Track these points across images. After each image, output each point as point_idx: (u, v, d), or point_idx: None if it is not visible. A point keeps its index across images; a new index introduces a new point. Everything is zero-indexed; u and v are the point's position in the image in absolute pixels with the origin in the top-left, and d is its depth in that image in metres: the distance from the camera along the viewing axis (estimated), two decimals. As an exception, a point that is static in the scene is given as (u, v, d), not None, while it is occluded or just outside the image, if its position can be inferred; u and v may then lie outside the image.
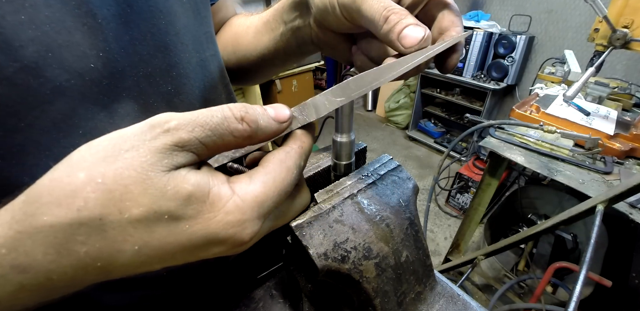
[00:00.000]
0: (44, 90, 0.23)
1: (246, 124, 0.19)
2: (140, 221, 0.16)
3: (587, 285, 1.17)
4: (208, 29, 0.38)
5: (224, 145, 0.19)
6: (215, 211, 0.17)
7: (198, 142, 0.18)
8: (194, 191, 0.17)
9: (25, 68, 0.22)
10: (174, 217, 0.16)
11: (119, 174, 0.16)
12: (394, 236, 0.34)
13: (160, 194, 0.16)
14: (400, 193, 0.36)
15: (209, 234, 0.17)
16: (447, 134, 3.06)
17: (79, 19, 0.24)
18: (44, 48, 0.23)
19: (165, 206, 0.16)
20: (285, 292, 0.46)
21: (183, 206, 0.17)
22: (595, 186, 0.95)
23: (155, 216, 0.16)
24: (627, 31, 0.96)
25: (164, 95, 0.32)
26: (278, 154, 0.21)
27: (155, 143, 0.17)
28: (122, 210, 0.16)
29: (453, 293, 0.41)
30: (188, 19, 0.33)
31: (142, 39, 0.29)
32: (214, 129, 0.18)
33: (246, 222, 0.18)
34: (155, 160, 0.16)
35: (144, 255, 0.17)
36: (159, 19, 0.30)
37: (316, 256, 0.29)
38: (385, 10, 0.24)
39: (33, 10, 0.22)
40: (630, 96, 1.34)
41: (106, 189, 0.15)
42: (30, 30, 0.22)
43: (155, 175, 0.16)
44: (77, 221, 0.15)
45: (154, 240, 0.16)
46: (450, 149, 1.44)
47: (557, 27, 2.23)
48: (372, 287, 0.32)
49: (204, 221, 0.17)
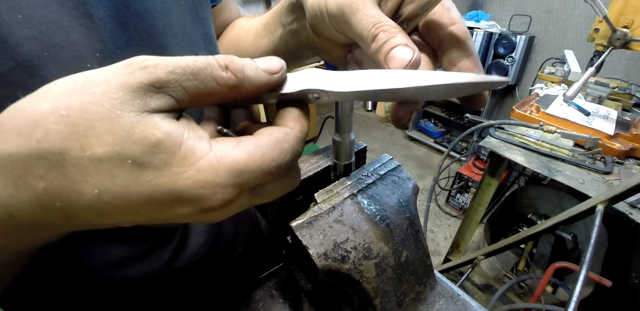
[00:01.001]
0: (38, 88, 0.23)
1: (231, 73, 0.18)
2: (102, 161, 0.15)
3: (587, 285, 1.17)
4: (207, 31, 0.38)
5: (207, 93, 0.18)
6: (184, 165, 0.16)
7: (178, 85, 0.16)
8: (164, 139, 0.16)
9: (20, 66, 0.22)
10: (137, 163, 0.15)
11: (85, 109, 0.15)
12: (394, 236, 0.34)
13: (126, 136, 0.15)
14: (400, 193, 0.36)
15: (173, 189, 0.16)
16: (447, 134, 3.06)
17: (76, 19, 0.24)
18: (40, 47, 0.23)
19: (130, 150, 0.15)
20: (285, 292, 0.46)
21: (149, 153, 0.15)
22: (595, 186, 0.95)
23: (118, 159, 0.15)
24: (627, 31, 0.96)
25: None
26: (277, 132, 0.19)
27: (130, 80, 0.15)
28: (84, 147, 0.15)
29: (453, 293, 0.41)
30: (186, 21, 0.33)
31: (139, 40, 0.29)
32: (196, 73, 0.17)
33: (218, 186, 0.17)
34: (127, 99, 0.15)
35: (105, 202, 0.16)
36: (156, 20, 0.30)
37: (316, 256, 0.29)
38: (374, 27, 0.22)
39: (29, 9, 0.22)
40: (630, 96, 1.34)
41: (69, 123, 0.14)
42: (26, 29, 0.22)
43: (123, 114, 0.15)
44: (36, 153, 0.14)
45: (115, 186, 0.15)
46: (450, 149, 1.44)
47: (557, 27, 2.23)
48: (372, 287, 0.32)
49: (171, 175, 0.16)
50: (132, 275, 0.34)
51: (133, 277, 0.34)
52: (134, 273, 0.34)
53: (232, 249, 0.47)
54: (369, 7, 0.23)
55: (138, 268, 0.35)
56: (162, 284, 0.37)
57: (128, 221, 0.17)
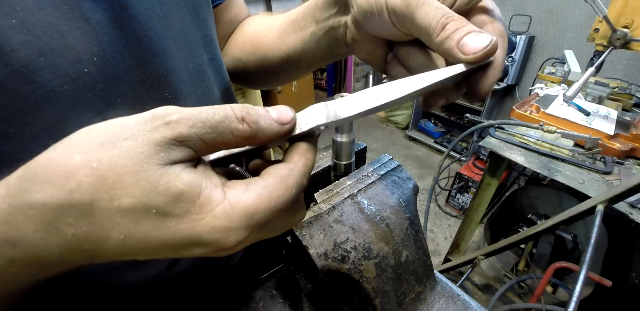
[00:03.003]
0: (35, 95, 0.23)
1: (247, 125, 0.19)
2: (129, 211, 0.16)
3: (587, 285, 1.17)
4: (207, 32, 0.37)
5: (223, 143, 0.19)
6: (202, 213, 0.17)
7: (197, 138, 0.18)
8: (185, 190, 0.17)
9: (16, 73, 0.22)
10: (161, 213, 0.17)
11: (114, 162, 0.16)
12: (394, 236, 0.34)
13: (152, 188, 0.16)
14: (400, 193, 0.36)
15: (192, 235, 0.17)
16: (447, 134, 3.06)
17: (72, 23, 0.24)
18: (36, 52, 0.22)
19: (155, 201, 0.16)
20: (285, 292, 0.46)
21: (172, 203, 0.17)
22: (595, 186, 0.95)
23: (144, 209, 0.16)
24: (627, 31, 0.96)
25: (160, 101, 0.31)
26: (281, 170, 0.20)
27: (155, 135, 0.17)
28: (113, 198, 0.16)
29: (453, 293, 0.41)
30: (185, 23, 0.33)
31: (137, 44, 0.28)
32: (215, 127, 0.18)
33: (232, 230, 0.18)
34: (152, 153, 0.16)
35: (129, 245, 0.17)
36: (154, 22, 0.29)
37: (316, 256, 0.29)
38: (443, 17, 0.22)
39: (24, 13, 0.22)
40: (630, 96, 1.34)
41: (100, 175, 0.16)
42: (21, 34, 0.22)
43: (149, 168, 0.16)
44: (68, 203, 0.15)
45: (139, 232, 0.17)
46: (450, 149, 1.44)
47: (557, 27, 2.23)
48: (372, 287, 0.32)
49: (190, 222, 0.17)
50: (133, 280, 0.34)
51: (133, 282, 0.34)
52: (134, 278, 0.34)
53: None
54: (435, 0, 0.24)
55: (138, 273, 0.35)
56: (162, 288, 0.37)
57: (149, 258, 0.19)
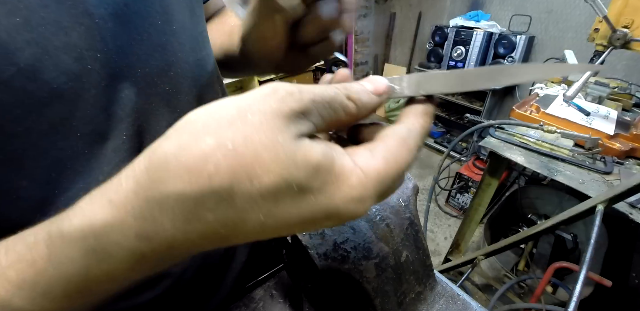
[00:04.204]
0: (41, 93, 0.23)
1: (352, 102, 0.19)
2: (269, 190, 0.15)
3: (587, 285, 1.17)
4: (203, 29, 0.38)
5: (336, 120, 0.18)
6: (339, 183, 0.16)
7: (317, 112, 0.17)
8: (322, 160, 0.16)
9: (21, 71, 0.22)
10: (301, 187, 0.16)
11: (248, 139, 0.15)
12: (394, 236, 0.34)
13: (291, 162, 0.15)
14: (400, 193, 0.36)
15: (330, 208, 0.16)
16: (447, 134, 3.06)
17: (76, 19, 0.24)
18: (40, 51, 0.22)
19: (296, 175, 0.15)
20: (285, 292, 0.46)
21: (312, 176, 0.16)
22: (595, 186, 0.95)
23: (285, 185, 0.15)
24: (627, 31, 0.96)
25: (162, 95, 0.31)
26: (400, 130, 0.20)
27: (282, 107, 0.16)
28: (253, 178, 0.15)
29: (453, 293, 0.41)
30: (184, 18, 0.33)
31: (139, 39, 0.28)
32: (330, 103, 0.18)
33: (366, 199, 0.17)
34: (283, 126, 0.16)
35: (267, 227, 0.16)
36: (155, 18, 0.29)
37: (316, 256, 0.29)
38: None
39: (28, 11, 0.21)
40: (630, 96, 1.34)
41: (237, 155, 0.15)
42: (26, 33, 0.21)
43: (284, 141, 0.15)
44: (208, 189, 0.15)
45: (279, 211, 0.16)
46: (450, 149, 1.44)
47: (557, 27, 2.23)
48: (372, 287, 0.32)
49: (329, 195, 0.16)
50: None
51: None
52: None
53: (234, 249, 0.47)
54: None
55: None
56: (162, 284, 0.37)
57: (275, 236, 0.18)
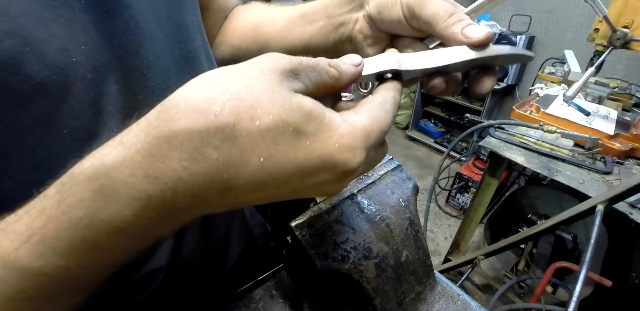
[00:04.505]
0: (23, 88, 0.22)
1: (333, 68, 0.21)
2: (268, 129, 0.17)
3: (587, 285, 1.17)
4: (195, 18, 0.37)
5: (322, 84, 0.21)
6: (331, 131, 0.18)
7: (305, 74, 0.19)
8: (314, 108, 0.18)
9: (1, 64, 0.21)
10: (297, 130, 0.17)
11: (249, 87, 0.17)
12: (394, 236, 0.34)
13: (287, 106, 0.17)
14: (400, 193, 0.36)
15: (324, 154, 0.18)
16: (447, 134, 3.06)
17: (55, 10, 0.23)
18: (21, 42, 0.21)
19: (292, 118, 0.17)
20: (285, 292, 0.46)
21: (306, 120, 0.17)
22: (595, 186, 0.95)
23: (283, 126, 0.17)
24: (627, 31, 0.96)
25: (153, 89, 0.31)
26: (376, 99, 0.22)
27: (277, 66, 0.18)
28: (253, 117, 0.16)
29: (453, 293, 0.41)
30: (172, 8, 0.33)
31: (125, 29, 0.27)
32: (314, 67, 0.20)
33: (357, 149, 0.19)
34: (278, 80, 0.18)
35: (265, 172, 0.17)
36: (141, 6, 0.29)
37: (316, 256, 0.29)
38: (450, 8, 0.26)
39: (5, 1, 0.21)
40: (630, 96, 1.34)
41: (239, 98, 0.17)
42: (4, 23, 0.21)
43: (280, 90, 0.18)
44: (214, 125, 0.16)
45: (277, 153, 0.17)
46: (450, 149, 1.44)
47: (557, 27, 2.23)
48: (372, 287, 0.32)
49: (322, 140, 0.18)
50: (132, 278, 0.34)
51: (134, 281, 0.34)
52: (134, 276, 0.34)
53: (226, 246, 0.47)
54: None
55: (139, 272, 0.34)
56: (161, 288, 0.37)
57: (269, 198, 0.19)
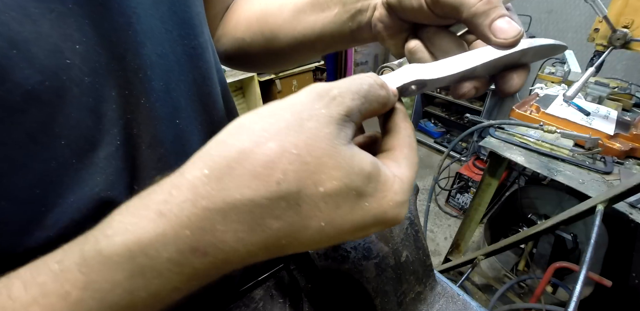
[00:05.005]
0: (13, 97, 0.19)
1: (384, 90, 0.19)
2: (331, 195, 0.16)
3: (587, 285, 1.17)
4: (199, 9, 0.33)
5: (371, 112, 0.19)
6: (386, 190, 0.17)
7: (357, 111, 0.18)
8: (373, 168, 0.17)
9: None
10: (359, 193, 0.16)
11: (310, 145, 0.15)
12: (394, 236, 0.34)
13: (350, 168, 0.16)
14: (400, 193, 0.36)
15: (379, 213, 0.17)
16: (447, 134, 3.06)
17: (44, 4, 0.19)
18: (7, 44, 0.18)
19: (355, 182, 0.16)
20: (285, 292, 0.46)
21: (367, 182, 0.17)
22: (595, 186, 0.95)
23: (346, 191, 0.16)
24: (627, 31, 0.96)
25: (156, 92, 0.27)
26: (405, 140, 0.21)
27: (332, 113, 0.16)
28: (317, 183, 0.15)
29: (453, 293, 0.41)
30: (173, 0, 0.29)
31: (125, 24, 0.24)
32: (366, 97, 0.18)
33: (405, 202, 0.18)
34: (337, 132, 0.16)
35: (324, 234, 0.16)
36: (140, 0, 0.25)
37: (316, 256, 0.29)
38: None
39: None
40: (630, 96, 1.34)
41: (302, 161, 0.15)
42: None
43: (341, 148, 0.16)
44: (277, 195, 0.15)
45: (338, 217, 0.16)
46: (450, 149, 1.44)
47: (557, 27, 2.23)
48: (372, 287, 0.32)
49: (379, 200, 0.17)
50: None
51: None
52: None
53: None
54: None
55: None
56: None
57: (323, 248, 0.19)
